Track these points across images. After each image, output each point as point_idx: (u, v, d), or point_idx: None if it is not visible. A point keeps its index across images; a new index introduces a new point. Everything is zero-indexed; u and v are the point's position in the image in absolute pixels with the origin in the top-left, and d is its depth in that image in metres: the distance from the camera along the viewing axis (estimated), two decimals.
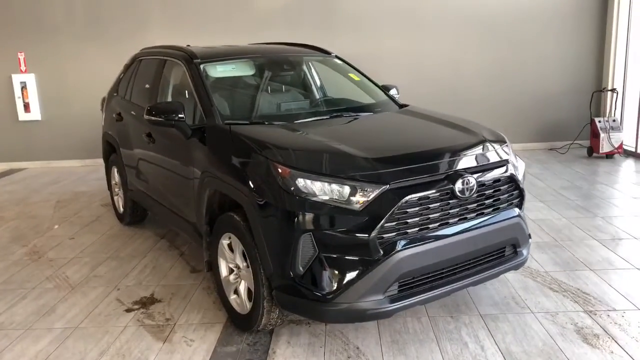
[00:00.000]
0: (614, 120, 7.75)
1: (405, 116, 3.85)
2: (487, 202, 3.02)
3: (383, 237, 2.68)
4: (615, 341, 2.99)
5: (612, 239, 4.53)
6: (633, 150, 7.84)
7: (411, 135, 3.41)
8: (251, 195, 2.88)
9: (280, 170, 2.81)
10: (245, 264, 3.17)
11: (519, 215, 3.19)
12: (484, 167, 3.03)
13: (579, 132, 8.30)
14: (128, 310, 3.65)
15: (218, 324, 3.39)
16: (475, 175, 2.92)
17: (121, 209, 5.50)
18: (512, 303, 3.48)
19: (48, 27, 8.58)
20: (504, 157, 3.18)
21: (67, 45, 8.64)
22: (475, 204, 2.96)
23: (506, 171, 3.11)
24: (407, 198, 2.70)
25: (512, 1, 8.29)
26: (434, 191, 2.79)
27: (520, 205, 3.23)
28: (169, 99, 4.36)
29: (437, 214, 2.83)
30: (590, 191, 6.13)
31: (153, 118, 3.65)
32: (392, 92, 4.51)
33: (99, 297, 3.87)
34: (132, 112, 4.79)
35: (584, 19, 8.32)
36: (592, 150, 7.84)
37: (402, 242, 2.72)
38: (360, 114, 3.90)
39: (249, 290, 3.18)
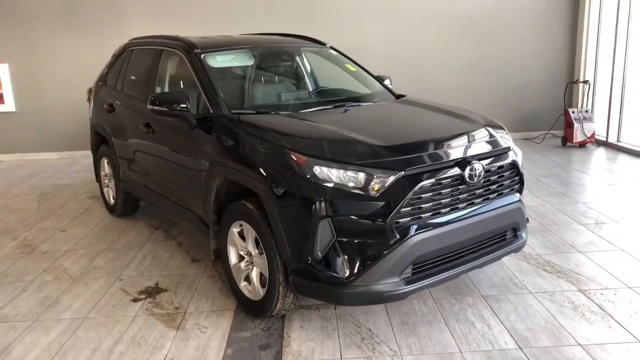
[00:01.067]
0: (586, 111, 8.06)
1: (406, 106, 3.95)
2: (492, 187, 3.16)
3: (399, 222, 2.79)
4: (612, 317, 3.18)
5: (596, 223, 4.76)
6: (604, 139, 8.17)
7: (418, 124, 3.51)
8: (268, 184, 2.94)
9: (296, 159, 2.87)
10: (257, 250, 3.23)
11: (519, 200, 3.34)
12: (489, 154, 3.16)
13: (554, 122, 8.60)
14: (135, 300, 3.66)
15: (229, 311, 3.44)
16: (483, 162, 3.05)
17: (112, 201, 5.46)
18: (510, 284, 3.64)
19: (21, 15, 8.37)
20: (506, 144, 3.32)
21: (41, 34, 8.44)
22: (482, 190, 3.10)
23: (509, 158, 3.25)
24: (422, 184, 2.80)
25: None
26: (445, 177, 2.90)
27: (520, 191, 3.38)
28: (166, 89, 4.36)
29: (448, 199, 2.95)
30: (569, 179, 6.39)
31: (157, 108, 3.66)
32: (386, 82, 4.61)
33: (102, 287, 3.87)
34: (126, 103, 4.76)
35: (557, 13, 8.59)
36: (566, 140, 8.14)
37: (417, 227, 2.83)
38: (361, 103, 3.98)
39: (261, 277, 3.25)
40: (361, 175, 2.78)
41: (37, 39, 8.46)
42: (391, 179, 2.77)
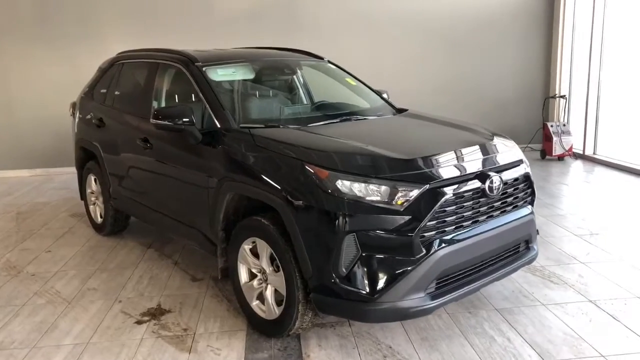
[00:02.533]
0: (564, 125, 8.27)
1: (414, 119, 3.95)
2: (508, 200, 3.16)
3: (424, 236, 2.75)
4: (627, 327, 3.21)
5: (590, 234, 4.84)
6: (581, 152, 8.39)
7: (432, 137, 3.51)
8: (287, 199, 2.86)
9: (317, 173, 2.82)
10: (272, 268, 3.14)
11: (532, 212, 3.36)
12: (506, 166, 3.17)
13: (532, 136, 8.79)
14: (139, 322, 3.50)
15: (240, 331, 3.33)
16: (501, 174, 3.06)
17: (99, 219, 5.26)
18: (521, 297, 3.64)
19: None
20: (520, 156, 3.34)
21: (9, 46, 8.13)
22: (500, 202, 3.10)
23: (523, 170, 3.28)
24: (446, 197, 2.78)
25: (470, 12, 8.65)
26: (467, 190, 2.89)
27: (532, 202, 3.40)
28: (163, 103, 4.25)
29: (469, 212, 2.93)
30: (553, 190, 6.51)
31: (161, 122, 3.55)
32: (384, 96, 4.60)
33: (101, 310, 3.69)
34: (119, 118, 4.61)
35: (532, 31, 8.82)
36: (545, 153, 8.32)
37: (441, 241, 2.80)
38: (366, 117, 3.96)
39: (275, 295, 3.15)
40: (386, 189, 2.74)
41: (6, 52, 8.15)
42: (416, 192, 2.74)
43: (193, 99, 4.02)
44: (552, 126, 8.21)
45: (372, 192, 2.74)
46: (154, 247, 4.89)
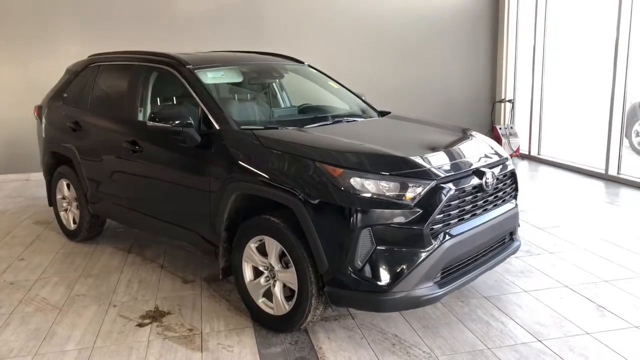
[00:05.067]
0: (511, 127, 8.81)
1: (402, 121, 4.16)
2: (499, 194, 3.42)
3: (433, 229, 2.94)
4: (603, 307, 3.55)
5: (552, 227, 5.23)
6: (527, 153, 8.95)
7: (426, 137, 3.71)
8: (303, 197, 2.97)
9: (331, 171, 2.95)
10: (280, 265, 3.24)
11: (516, 206, 3.64)
12: (496, 163, 3.43)
13: None
14: (140, 325, 3.49)
15: (247, 328, 3.39)
16: (494, 170, 3.31)
17: (72, 226, 5.12)
18: (504, 285, 3.92)
19: None
20: (506, 155, 3.62)
21: None
22: (492, 197, 3.35)
23: (510, 166, 3.55)
24: (452, 192, 2.99)
25: (419, 20, 9.04)
26: (468, 186, 3.11)
27: (516, 197, 3.69)
28: (149, 106, 4.22)
29: (469, 206, 3.16)
30: None
31: (159, 124, 3.56)
32: (364, 99, 4.79)
33: (97, 315, 3.64)
34: (98, 122, 4.53)
35: (479, 38, 9.33)
36: None
37: (447, 232, 3.00)
38: (356, 119, 4.12)
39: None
40: (397, 185, 2.91)
41: None
42: (425, 188, 2.93)
43: (183, 102, 4.04)
44: (500, 129, 8.72)
45: (384, 188, 2.90)
46: (134, 252, 4.83)
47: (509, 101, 9.10)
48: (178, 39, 8.11)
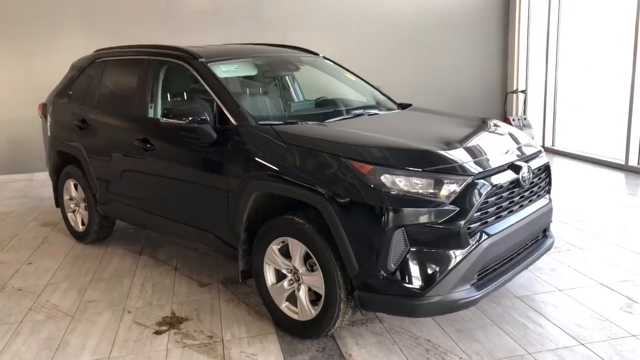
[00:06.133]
0: (525, 118, 8.61)
1: (427, 114, 3.97)
2: (534, 189, 3.24)
3: (470, 228, 2.76)
4: None
5: (577, 221, 5.05)
6: (541, 144, 8.75)
7: (458, 130, 3.52)
8: (330, 196, 2.78)
9: (359, 168, 2.77)
10: (305, 268, 3.06)
11: (550, 201, 3.46)
12: (531, 157, 3.25)
13: None
14: (157, 333, 3.31)
15: (270, 335, 3.22)
16: (530, 164, 3.12)
17: (80, 227, 4.94)
18: (536, 284, 3.74)
19: None
20: (539, 147, 3.43)
21: None
22: (528, 192, 3.16)
23: (544, 160, 3.36)
24: (490, 188, 2.80)
25: (430, 11, 8.84)
26: (505, 181, 2.93)
27: (549, 192, 3.50)
28: (159, 101, 4.04)
29: (506, 203, 2.98)
30: None
31: (172, 121, 3.39)
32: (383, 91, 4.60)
33: (111, 322, 3.47)
34: (107, 119, 4.35)
35: (490, 29, 9.14)
36: None
37: (485, 231, 2.82)
38: (377, 112, 3.93)
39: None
40: (431, 182, 2.72)
41: None
42: (462, 184, 2.74)
43: (196, 96, 3.85)
44: (514, 120, 8.52)
45: (417, 185, 2.72)
46: (145, 254, 4.66)
47: (522, 92, 8.90)
48: (180, 34, 7.91)
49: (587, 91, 8.38)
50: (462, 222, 2.70)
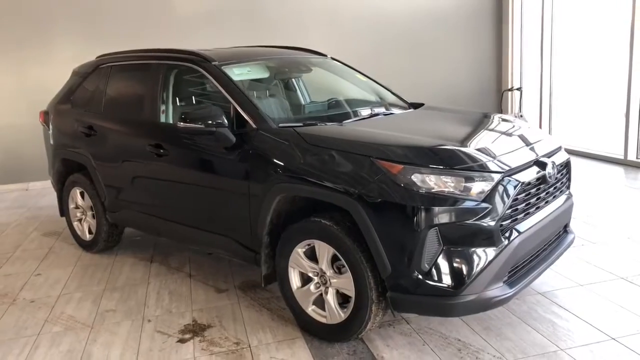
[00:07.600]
0: (521, 116, 8.66)
1: (443, 112, 3.96)
2: (558, 185, 3.24)
3: (502, 225, 2.75)
4: None
5: (586, 216, 5.08)
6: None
7: (478, 129, 3.51)
8: (360, 197, 2.75)
9: (389, 167, 2.74)
10: (332, 270, 3.02)
11: (571, 196, 3.47)
12: (554, 152, 3.25)
13: None
14: (181, 341, 3.25)
15: (298, 339, 3.18)
16: (554, 160, 3.12)
17: (87, 236, 4.85)
18: (558, 279, 3.74)
19: None
20: (559, 143, 3.44)
21: None
22: (552, 188, 3.17)
23: (565, 155, 3.37)
24: (520, 185, 2.79)
25: (424, 10, 8.85)
26: (533, 178, 2.92)
27: (569, 187, 3.51)
28: (170, 106, 3.98)
29: (534, 199, 2.97)
30: None
31: (190, 126, 3.34)
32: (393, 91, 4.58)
33: (132, 332, 3.40)
34: (116, 125, 4.28)
35: (484, 27, 9.16)
36: None
37: (516, 228, 2.81)
38: (392, 112, 3.91)
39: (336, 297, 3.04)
40: (462, 180, 2.71)
41: None
42: (493, 181, 2.73)
43: (208, 100, 3.81)
44: None
45: (449, 184, 2.70)
46: (157, 261, 4.59)
47: (518, 89, 8.95)
48: (178, 39, 7.82)
49: (583, 87, 8.47)
50: (495, 220, 2.69)
